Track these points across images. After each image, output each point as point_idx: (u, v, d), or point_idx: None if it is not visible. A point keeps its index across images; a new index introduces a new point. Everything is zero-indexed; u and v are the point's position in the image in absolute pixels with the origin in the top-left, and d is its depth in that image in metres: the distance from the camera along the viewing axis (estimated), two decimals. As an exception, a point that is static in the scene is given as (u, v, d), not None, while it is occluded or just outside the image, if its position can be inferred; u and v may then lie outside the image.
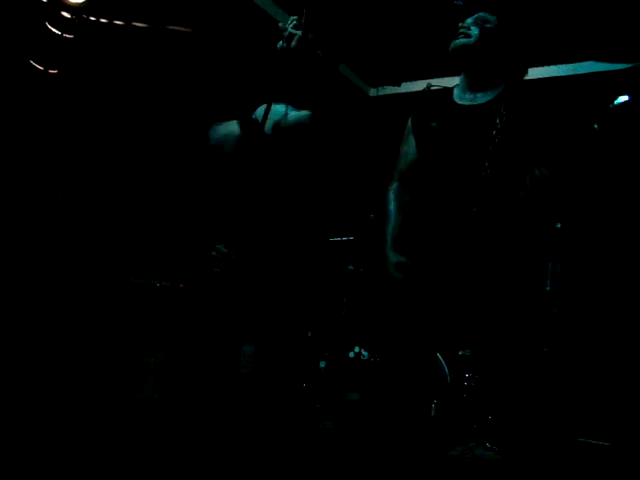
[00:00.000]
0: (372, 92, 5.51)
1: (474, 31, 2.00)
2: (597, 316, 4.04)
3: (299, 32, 1.86)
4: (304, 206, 2.09)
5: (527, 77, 2.10)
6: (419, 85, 5.07)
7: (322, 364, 3.37)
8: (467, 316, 1.82)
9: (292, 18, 1.85)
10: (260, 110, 2.30)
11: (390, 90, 5.40)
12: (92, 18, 3.18)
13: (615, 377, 3.81)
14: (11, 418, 2.56)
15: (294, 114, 2.13)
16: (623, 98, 1.51)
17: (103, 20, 3.24)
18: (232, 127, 2.37)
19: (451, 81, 5.44)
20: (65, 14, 3.25)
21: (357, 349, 3.30)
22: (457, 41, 2.02)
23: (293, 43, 1.83)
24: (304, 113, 2.09)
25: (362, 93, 5.40)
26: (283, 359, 2.26)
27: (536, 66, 3.73)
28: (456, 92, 2.12)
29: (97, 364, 3.34)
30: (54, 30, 3.24)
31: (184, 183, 3.49)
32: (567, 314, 3.88)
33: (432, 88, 4.79)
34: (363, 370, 3.15)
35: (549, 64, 4.34)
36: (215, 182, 2.45)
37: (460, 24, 2.04)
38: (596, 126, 1.55)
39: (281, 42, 1.86)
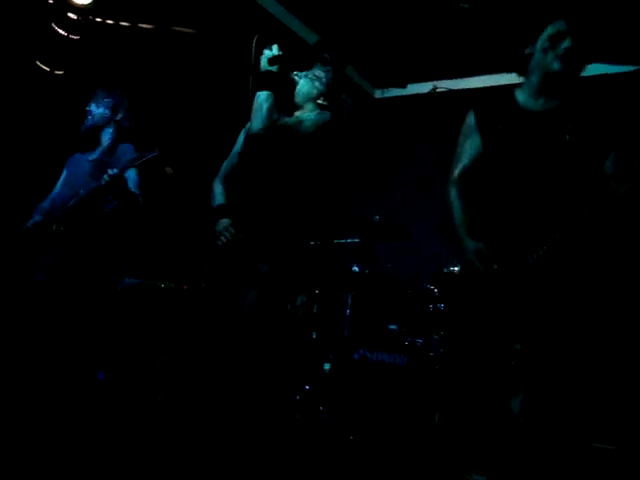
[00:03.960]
0: (377, 94, 5.50)
1: None
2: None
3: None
4: (309, 206, 2.10)
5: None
6: (425, 87, 5.06)
7: (326, 366, 3.36)
8: (529, 310, 1.84)
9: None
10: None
11: (395, 92, 5.40)
12: (98, 19, 3.19)
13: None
14: (13, 417, 2.57)
15: (307, 117, 2.17)
16: None
17: (109, 21, 3.25)
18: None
19: (457, 83, 5.37)
20: (71, 15, 3.26)
21: (362, 351, 3.28)
22: None
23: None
24: (319, 117, 2.12)
25: (367, 95, 5.39)
26: (280, 358, 2.27)
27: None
28: (520, 96, 2.11)
29: (102, 365, 3.34)
30: (60, 31, 3.25)
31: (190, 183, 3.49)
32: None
33: (437, 90, 4.78)
34: (368, 372, 3.14)
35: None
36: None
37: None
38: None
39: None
